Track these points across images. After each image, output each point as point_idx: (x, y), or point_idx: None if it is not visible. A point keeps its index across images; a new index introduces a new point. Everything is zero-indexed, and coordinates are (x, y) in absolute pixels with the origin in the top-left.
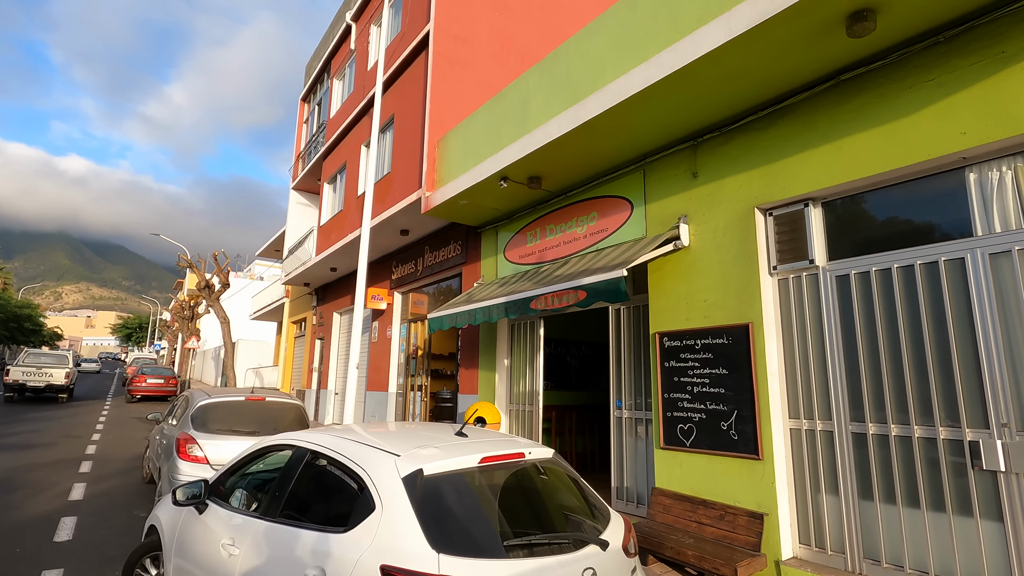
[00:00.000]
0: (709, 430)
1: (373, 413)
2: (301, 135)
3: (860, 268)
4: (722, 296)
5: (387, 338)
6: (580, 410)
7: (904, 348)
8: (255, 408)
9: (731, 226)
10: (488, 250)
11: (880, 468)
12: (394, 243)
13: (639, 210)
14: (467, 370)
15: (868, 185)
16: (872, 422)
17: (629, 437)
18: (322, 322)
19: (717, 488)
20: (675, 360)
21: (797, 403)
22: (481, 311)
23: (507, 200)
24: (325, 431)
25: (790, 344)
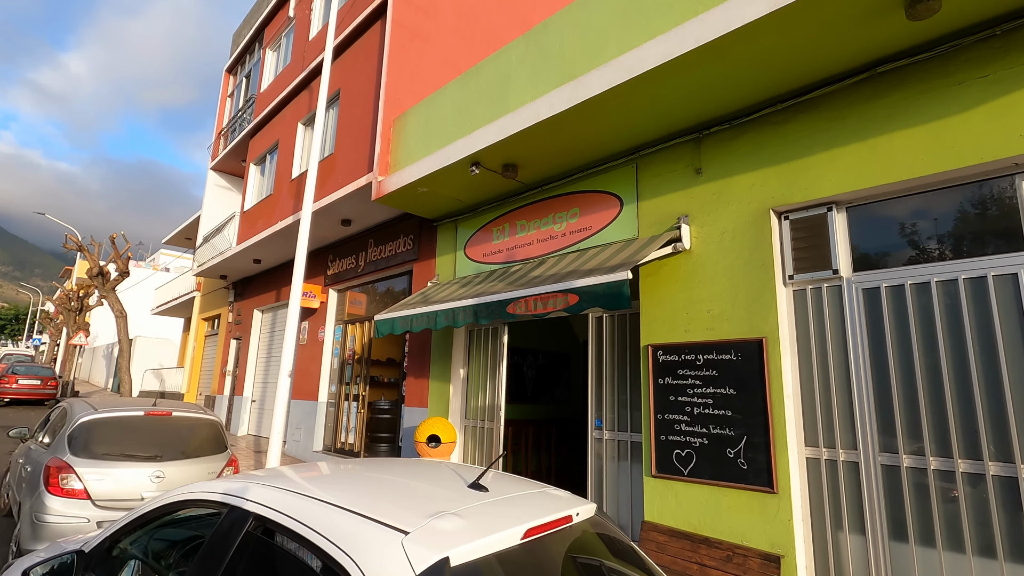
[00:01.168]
0: (712, 457)
1: (299, 425)
2: (224, 110)
3: (892, 281)
4: (730, 307)
5: (319, 340)
6: (537, 425)
7: (945, 371)
8: (157, 425)
9: (741, 229)
10: (445, 246)
11: (916, 506)
12: (333, 234)
13: (630, 208)
14: (415, 380)
15: (904, 190)
16: (907, 453)
17: (610, 462)
18: (240, 320)
19: (722, 524)
20: (671, 377)
21: (815, 429)
22: (444, 314)
23: (473, 190)
24: (274, 479)
25: (807, 363)
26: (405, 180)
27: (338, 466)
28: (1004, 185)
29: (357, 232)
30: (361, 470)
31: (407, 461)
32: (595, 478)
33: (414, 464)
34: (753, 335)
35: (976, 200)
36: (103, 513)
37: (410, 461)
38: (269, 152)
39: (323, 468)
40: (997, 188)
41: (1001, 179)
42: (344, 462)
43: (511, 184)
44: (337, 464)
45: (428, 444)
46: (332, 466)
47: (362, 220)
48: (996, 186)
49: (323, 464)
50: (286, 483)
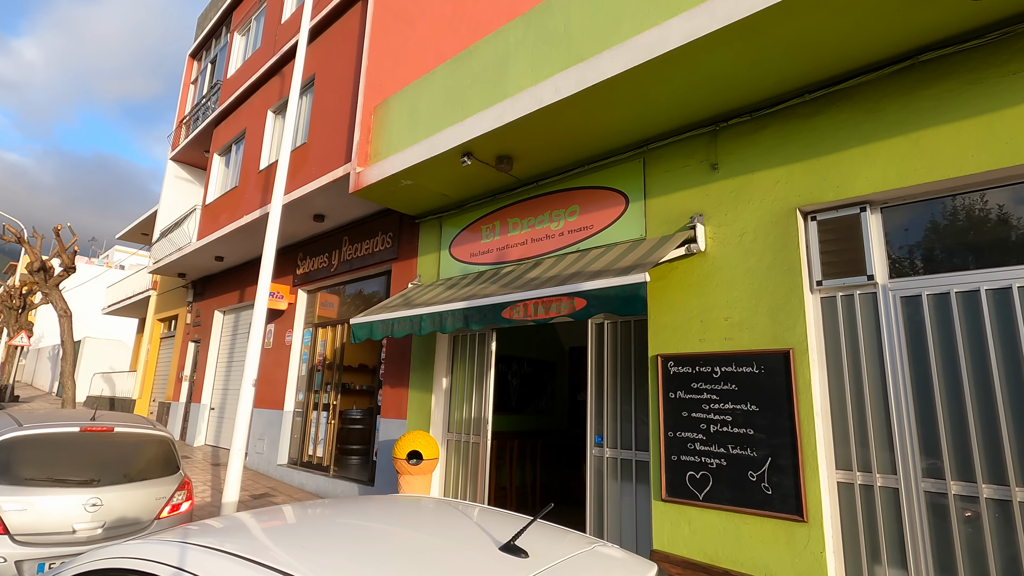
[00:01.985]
0: (732, 481)
1: (262, 436)
2: (187, 97)
3: (935, 288)
4: (751, 315)
5: (285, 344)
6: (522, 437)
7: (997, 388)
8: (96, 443)
9: (764, 230)
10: (428, 245)
11: (966, 538)
12: (304, 231)
13: (636, 205)
14: (393, 389)
15: (948, 189)
16: (955, 480)
17: (612, 482)
18: (199, 321)
19: (743, 556)
20: (684, 391)
21: (848, 451)
22: (430, 318)
23: (461, 184)
24: (227, 537)
25: (838, 377)
26: (387, 171)
27: (318, 513)
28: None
29: (331, 229)
30: (349, 520)
31: (405, 503)
32: (595, 500)
33: (415, 508)
34: (778, 346)
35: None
36: (24, 551)
37: (409, 502)
38: (235, 141)
39: (298, 517)
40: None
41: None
42: (325, 505)
43: (503, 178)
44: (316, 509)
45: (409, 461)
46: (310, 513)
47: (336, 216)
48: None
49: (297, 510)
50: (245, 545)
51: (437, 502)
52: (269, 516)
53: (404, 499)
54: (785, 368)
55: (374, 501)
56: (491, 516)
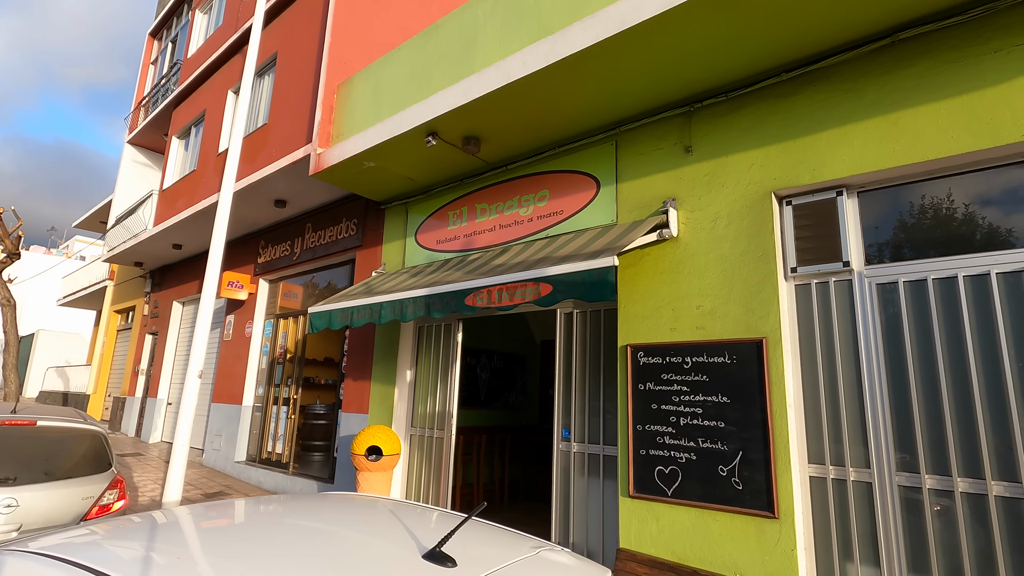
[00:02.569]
0: (702, 476)
1: (219, 432)
2: (146, 78)
3: (912, 275)
4: (723, 303)
5: (245, 336)
6: (490, 432)
7: (974, 378)
8: (15, 439)
9: (738, 215)
10: (394, 232)
11: (940, 534)
12: (265, 217)
13: (608, 190)
14: (355, 382)
15: (926, 172)
16: (929, 473)
17: (579, 478)
18: (156, 312)
19: (712, 555)
20: (654, 382)
21: (821, 444)
22: (390, 306)
23: (427, 168)
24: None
25: (812, 367)
26: (349, 152)
27: (225, 513)
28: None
29: (293, 215)
30: (258, 521)
31: (331, 502)
32: (561, 497)
33: (340, 508)
34: (751, 335)
35: (1012, 185)
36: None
37: (335, 501)
38: (194, 124)
39: (199, 518)
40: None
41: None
42: (239, 504)
43: (471, 162)
44: (228, 508)
45: (368, 457)
46: (214, 514)
47: (299, 201)
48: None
49: (205, 510)
50: (94, 554)
51: (368, 501)
52: (169, 517)
53: (332, 498)
54: (758, 358)
55: (299, 500)
56: (427, 517)
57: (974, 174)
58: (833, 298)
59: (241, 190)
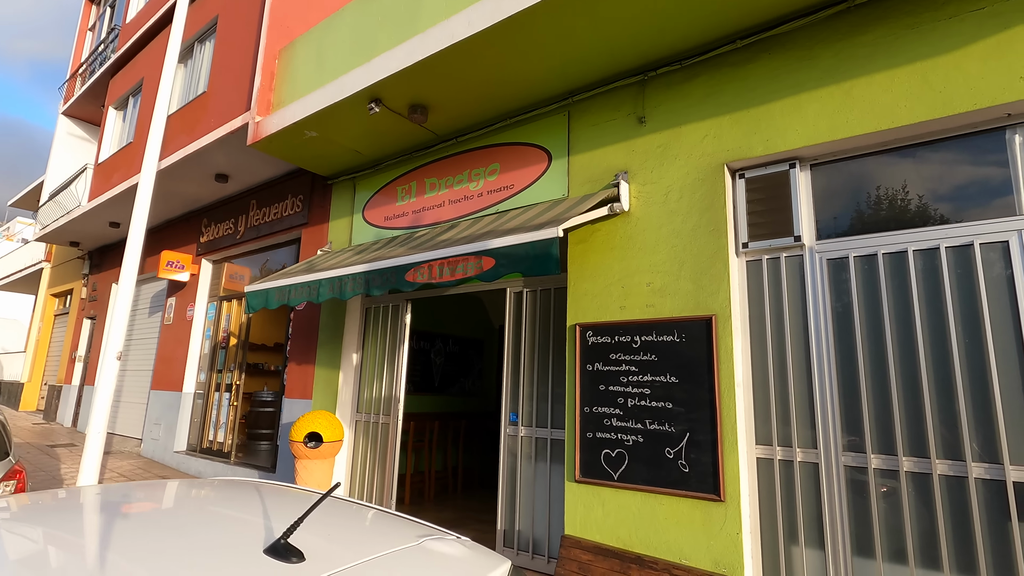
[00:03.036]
0: (648, 459)
1: (158, 421)
2: (83, 45)
3: (862, 250)
4: (673, 280)
5: (187, 320)
6: (443, 419)
7: (922, 356)
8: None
9: (689, 188)
10: (341, 208)
11: (885, 515)
12: (207, 193)
13: (559, 163)
14: (299, 366)
15: (879, 144)
16: (875, 452)
17: (526, 463)
18: (95, 296)
19: (658, 540)
20: (602, 362)
21: (769, 424)
22: (328, 283)
23: (374, 139)
24: None
25: (761, 345)
26: (288, 120)
27: (71, 499)
28: (994, 140)
29: (238, 192)
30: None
31: (196, 487)
32: (507, 483)
33: (216, 493)
34: (700, 312)
35: (962, 158)
36: None
37: (200, 487)
38: (132, 93)
39: (41, 504)
40: (987, 144)
41: (992, 133)
42: (84, 492)
43: (420, 134)
44: (77, 496)
45: (306, 444)
46: (67, 498)
47: (242, 176)
48: (986, 142)
49: (58, 496)
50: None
51: (237, 485)
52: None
53: (197, 484)
54: (707, 336)
55: (170, 486)
56: (288, 505)
57: (927, 146)
58: (784, 274)
59: (177, 163)
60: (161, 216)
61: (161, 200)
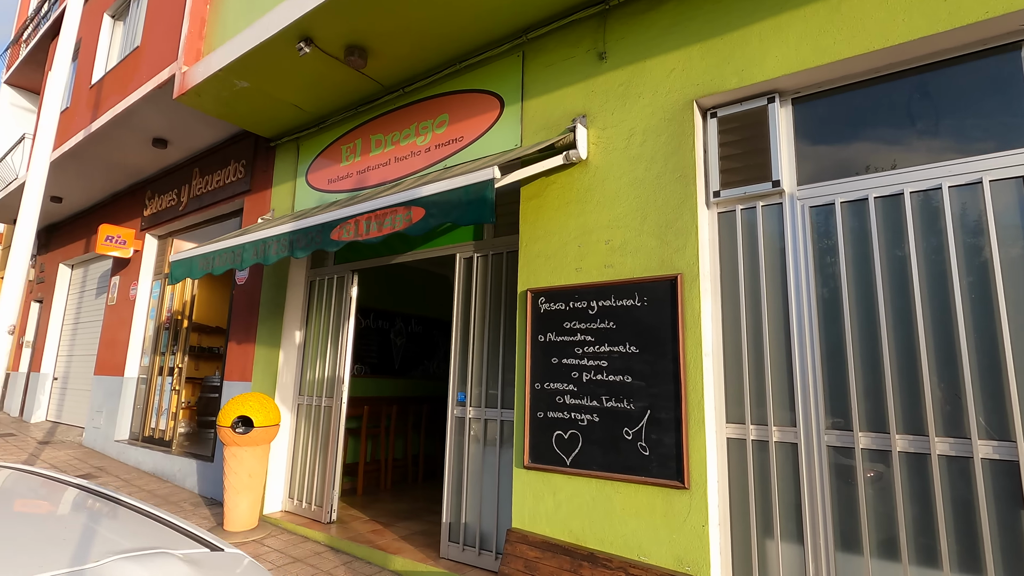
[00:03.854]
0: (604, 441)
1: (100, 408)
2: (27, 9)
3: (851, 194)
4: (635, 235)
5: (130, 299)
6: (403, 403)
7: (920, 317)
8: None
9: (655, 130)
10: (284, 173)
11: (874, 502)
12: (148, 162)
13: (512, 110)
14: (239, 346)
15: (872, 71)
16: (863, 431)
17: (475, 447)
18: (43, 277)
19: (614, 533)
20: (556, 332)
21: (741, 399)
22: (252, 247)
23: (314, 92)
24: None
25: (734, 309)
26: (214, 67)
27: None
28: (1006, 61)
29: (181, 160)
30: None
31: None
32: (454, 470)
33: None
34: (664, 272)
35: (968, 83)
36: None
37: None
38: (72, 56)
39: None
40: (997, 66)
41: (1003, 52)
42: None
43: (364, 86)
44: None
45: (235, 429)
46: None
47: (183, 141)
48: (996, 63)
49: None
50: None
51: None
52: None
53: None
54: (671, 299)
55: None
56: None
57: (926, 72)
58: (760, 226)
59: (108, 126)
60: (106, 189)
61: (102, 171)
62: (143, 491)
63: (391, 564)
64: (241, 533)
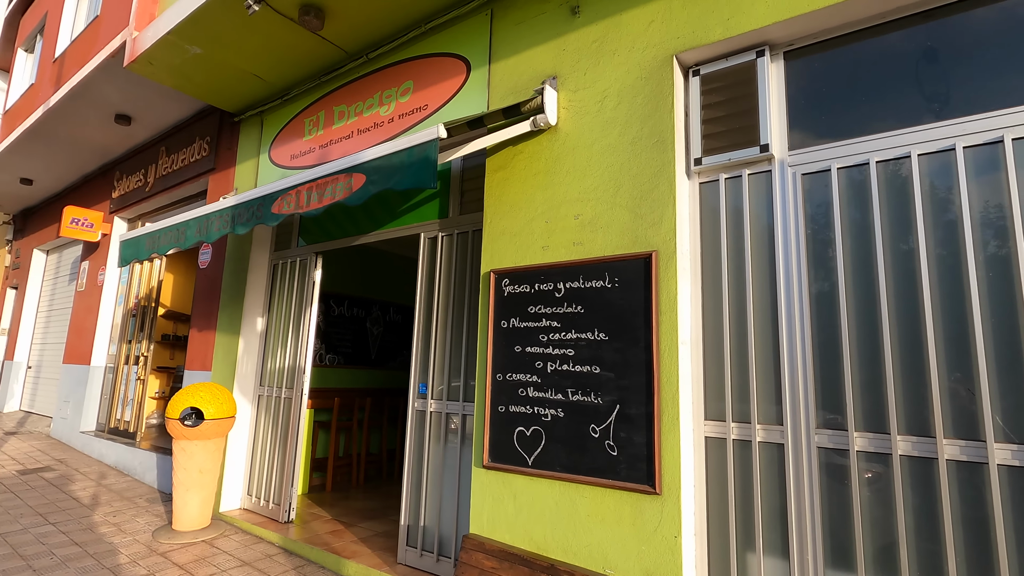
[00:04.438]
0: (569, 439)
1: (68, 398)
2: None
3: (850, 158)
4: (607, 208)
5: (98, 285)
6: (379, 395)
7: (928, 301)
8: None
9: (630, 91)
10: (248, 149)
11: (871, 512)
12: (115, 141)
13: (479, 74)
14: (200, 333)
15: (877, 15)
16: (860, 430)
17: (435, 444)
18: (18, 263)
19: (578, 542)
20: (519, 317)
21: (721, 394)
22: (195, 224)
23: (274, 59)
24: None
25: (715, 291)
26: (162, 30)
27: None
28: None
29: (149, 139)
30: None
31: None
32: (413, 468)
33: None
34: (638, 249)
35: (988, 30)
36: None
37: None
38: (39, 30)
39: None
40: (1018, 5)
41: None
42: None
43: (327, 53)
44: None
45: (183, 422)
46: None
47: (147, 117)
48: (1021, 6)
49: None
50: None
51: None
52: None
53: None
54: (645, 279)
55: None
56: None
57: (937, 15)
58: (746, 197)
59: (66, 100)
60: (76, 171)
61: (69, 150)
62: (100, 485)
63: (344, 569)
64: (190, 533)
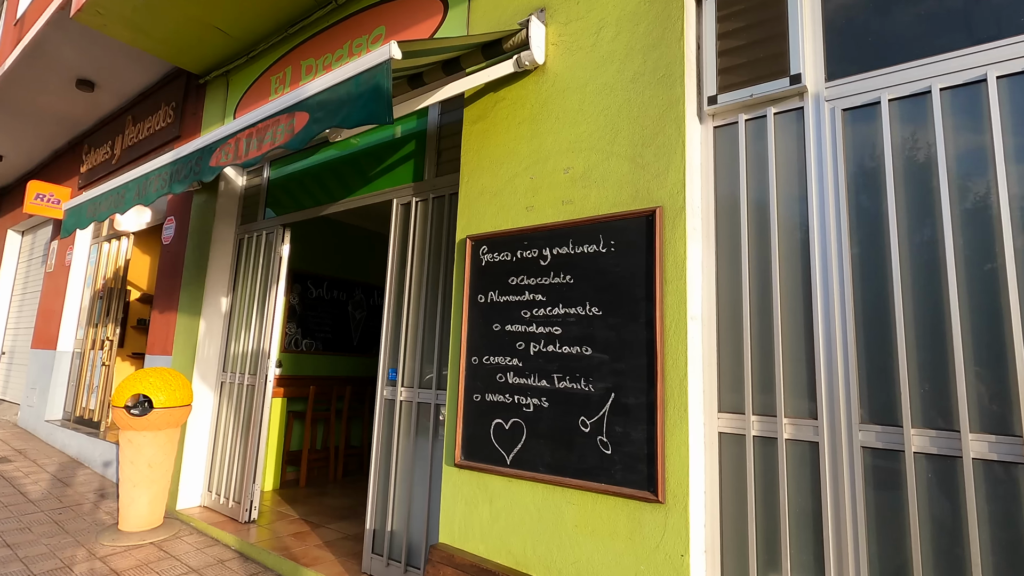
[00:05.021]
0: (555, 433)
1: (35, 384)
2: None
3: (904, 87)
4: (603, 159)
5: (65, 266)
6: (361, 384)
7: (1010, 269)
8: None
9: (631, 18)
10: (213, 113)
11: (929, 526)
12: (82, 111)
13: (458, 12)
14: (162, 315)
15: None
16: (917, 427)
17: (406, 439)
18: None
19: (564, 558)
20: (499, 290)
21: (740, 381)
22: (135, 186)
23: (235, 8)
24: None
25: (732, 257)
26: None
27: None
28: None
29: (116, 109)
30: None
31: None
32: (381, 466)
33: None
34: (638, 206)
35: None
36: None
37: None
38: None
39: None
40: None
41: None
42: None
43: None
44: None
45: (130, 411)
46: None
47: (112, 83)
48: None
49: None
50: None
51: None
52: None
53: None
54: (647, 242)
55: None
56: None
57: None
58: (772, 141)
59: (20, 63)
60: (46, 146)
61: (35, 123)
62: (55, 479)
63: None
64: (138, 534)
